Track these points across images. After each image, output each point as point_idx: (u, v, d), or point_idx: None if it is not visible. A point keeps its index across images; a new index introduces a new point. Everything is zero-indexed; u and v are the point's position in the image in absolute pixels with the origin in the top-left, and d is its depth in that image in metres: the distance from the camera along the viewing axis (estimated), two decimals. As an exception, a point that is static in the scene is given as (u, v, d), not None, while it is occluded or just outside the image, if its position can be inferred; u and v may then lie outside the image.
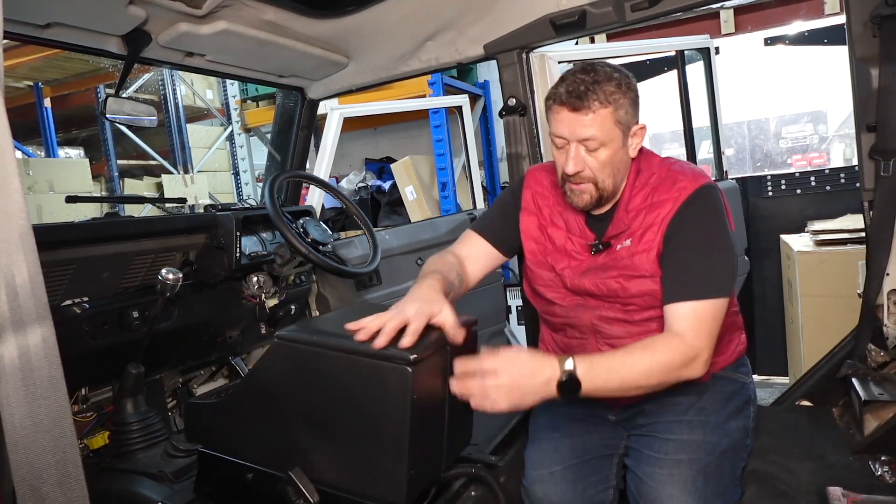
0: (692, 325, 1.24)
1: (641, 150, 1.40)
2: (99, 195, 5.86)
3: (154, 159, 6.15)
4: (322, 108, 2.66)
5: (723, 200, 1.36)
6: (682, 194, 1.32)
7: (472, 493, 1.46)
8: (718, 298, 1.26)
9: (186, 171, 6.09)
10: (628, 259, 1.36)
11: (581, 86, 1.26)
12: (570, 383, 1.13)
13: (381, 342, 1.04)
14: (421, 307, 1.12)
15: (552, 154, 1.39)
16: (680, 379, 1.22)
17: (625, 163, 1.36)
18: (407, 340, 1.05)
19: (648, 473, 1.35)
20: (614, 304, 1.40)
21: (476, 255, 1.53)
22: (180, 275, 1.58)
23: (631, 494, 1.41)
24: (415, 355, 1.02)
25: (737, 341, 1.51)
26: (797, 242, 3.18)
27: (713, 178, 1.38)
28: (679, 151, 4.58)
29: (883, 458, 1.39)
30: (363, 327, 1.09)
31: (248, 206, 2.17)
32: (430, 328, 1.12)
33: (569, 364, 1.13)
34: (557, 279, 1.47)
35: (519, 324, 3.62)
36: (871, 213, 1.58)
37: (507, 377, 1.10)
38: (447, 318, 1.14)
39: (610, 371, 1.17)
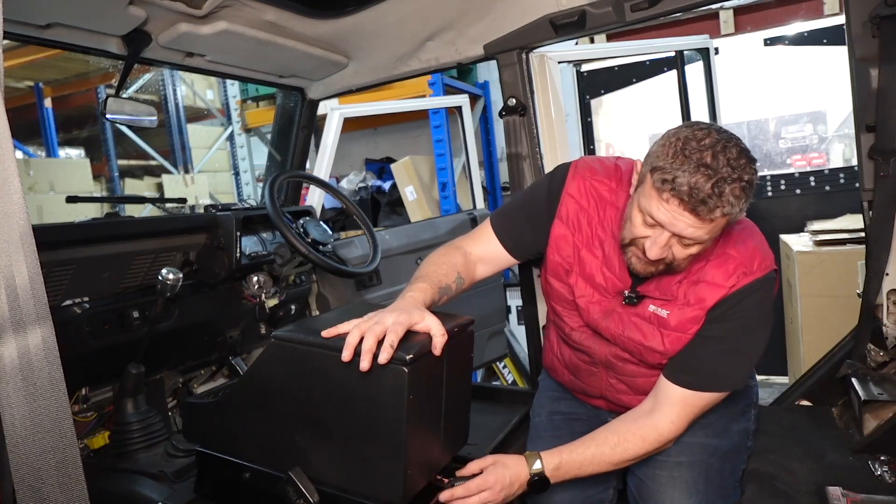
0: (678, 416, 1.24)
1: None
2: (99, 195, 5.86)
3: (154, 159, 6.15)
4: (322, 108, 2.65)
5: (776, 288, 1.24)
6: (739, 283, 1.18)
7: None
8: (720, 393, 1.25)
9: (187, 171, 6.09)
10: (658, 328, 1.26)
11: (708, 185, 1.04)
12: (538, 483, 1.24)
13: (365, 366, 1.00)
14: (399, 317, 1.06)
15: (632, 215, 1.17)
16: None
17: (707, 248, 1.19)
18: (383, 357, 0.99)
19: (649, 475, 1.35)
20: (639, 353, 1.32)
21: (487, 257, 1.42)
22: (180, 275, 1.58)
23: (631, 495, 1.40)
24: (411, 355, 1.02)
25: None
26: (797, 242, 3.18)
27: (774, 265, 1.23)
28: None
29: (882, 457, 1.39)
30: (339, 334, 1.06)
31: (248, 206, 2.17)
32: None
33: (537, 465, 1.23)
34: (573, 305, 1.37)
35: (519, 324, 3.62)
36: (870, 213, 1.58)
37: (491, 494, 1.20)
38: (430, 325, 1.09)
39: (580, 468, 1.24)
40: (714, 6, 3.94)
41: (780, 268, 3.54)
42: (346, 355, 1.02)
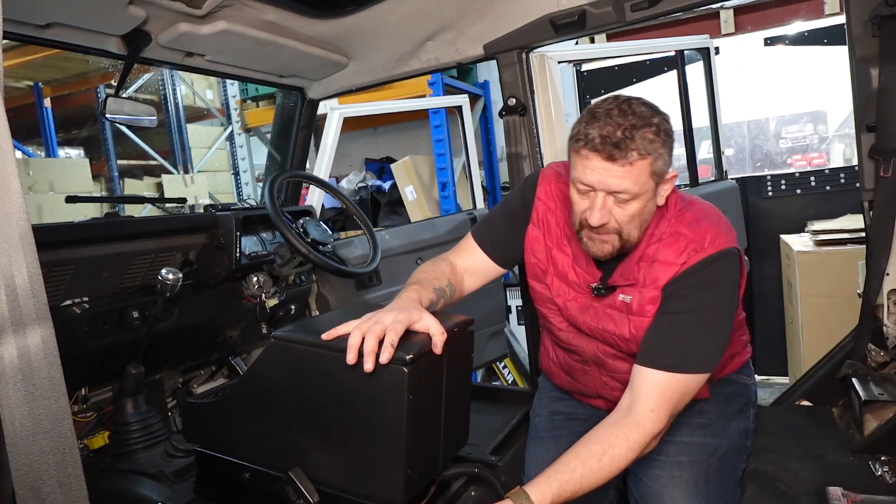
0: (656, 403, 1.15)
1: (669, 195, 1.27)
2: (99, 195, 5.85)
3: (154, 159, 6.14)
4: (322, 108, 2.65)
5: (739, 268, 1.24)
6: (689, 260, 1.20)
7: (472, 492, 1.46)
8: (694, 374, 1.17)
9: (186, 171, 6.09)
10: (626, 315, 1.28)
11: (618, 131, 1.12)
12: None
13: (369, 367, 1.00)
14: (398, 315, 1.07)
15: (571, 196, 1.24)
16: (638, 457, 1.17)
17: (652, 213, 1.24)
18: (384, 357, 1.00)
19: (649, 475, 1.35)
20: (616, 344, 1.33)
21: (473, 269, 1.45)
22: (180, 275, 1.58)
23: (632, 495, 1.40)
24: (411, 355, 1.02)
25: (743, 352, 1.50)
26: (797, 242, 3.18)
27: (732, 243, 1.23)
28: (679, 151, 4.57)
29: (883, 458, 1.40)
30: (340, 335, 1.06)
31: (248, 206, 2.17)
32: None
33: None
34: (555, 304, 1.41)
35: (519, 324, 3.62)
36: (871, 213, 1.58)
37: None
38: (428, 324, 1.09)
39: (574, 493, 1.10)
40: (714, 6, 3.94)
41: (781, 268, 3.55)
42: (351, 358, 1.02)
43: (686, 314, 1.19)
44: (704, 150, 3.93)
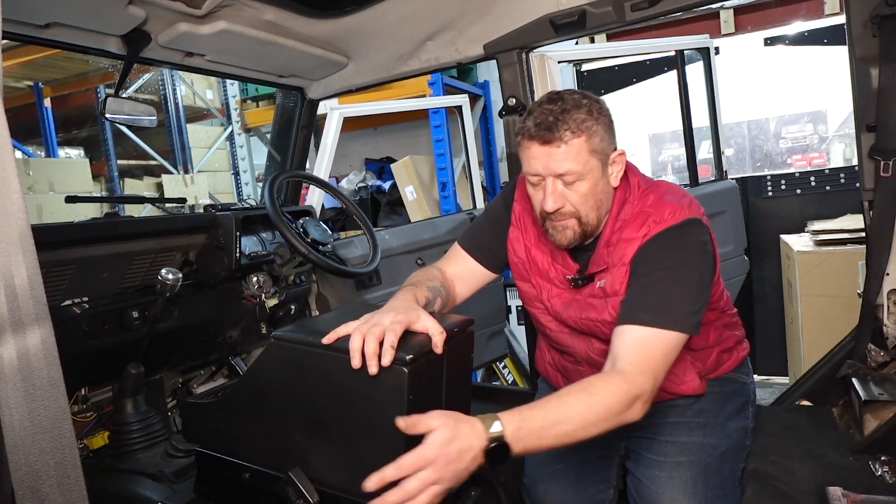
0: (637, 358, 1.11)
1: (629, 178, 1.32)
2: (99, 195, 5.86)
3: (154, 159, 6.15)
4: (322, 108, 2.65)
5: (709, 238, 1.25)
6: (650, 231, 1.23)
7: (472, 492, 1.45)
8: (671, 332, 1.14)
9: (186, 171, 6.09)
10: (604, 299, 1.29)
11: (549, 116, 1.19)
12: (497, 450, 0.98)
13: (373, 371, 1.00)
14: (396, 316, 1.07)
15: (529, 193, 1.31)
16: (620, 424, 1.08)
17: (607, 193, 1.28)
18: (386, 359, 1.00)
19: (648, 476, 1.35)
20: (604, 338, 1.32)
21: (463, 275, 1.47)
22: (180, 275, 1.58)
23: (631, 496, 1.40)
24: (411, 356, 1.02)
25: (739, 349, 1.50)
26: (797, 242, 3.18)
27: (695, 214, 1.26)
28: (679, 151, 4.59)
29: (883, 458, 1.40)
30: (339, 338, 1.05)
31: (248, 206, 2.17)
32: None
33: (495, 427, 0.99)
34: (542, 303, 1.42)
35: (519, 324, 3.61)
36: (871, 213, 1.58)
37: (433, 472, 0.92)
38: (427, 325, 1.09)
39: (543, 427, 1.02)
40: (714, 6, 3.94)
41: (781, 268, 3.55)
42: (356, 362, 1.01)
43: (655, 273, 1.20)
44: (704, 150, 3.93)
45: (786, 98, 4.29)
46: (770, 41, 4.11)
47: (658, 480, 1.33)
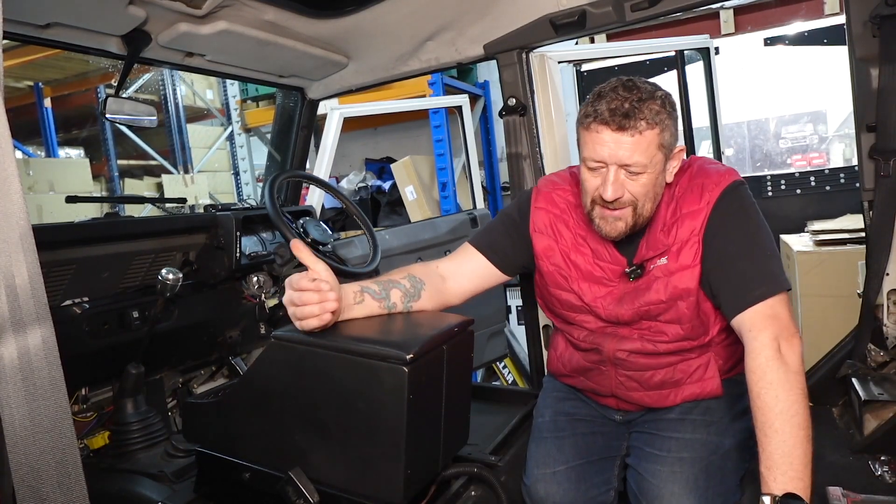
0: (771, 334, 1.12)
1: None
2: (99, 195, 5.85)
3: (154, 159, 6.15)
4: (322, 108, 2.65)
5: (749, 194, 1.29)
6: (711, 197, 1.25)
7: (473, 492, 1.46)
8: (782, 293, 1.18)
9: (186, 171, 6.09)
10: (666, 278, 1.29)
11: (626, 103, 1.17)
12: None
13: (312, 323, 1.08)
14: (296, 280, 1.12)
15: (582, 177, 1.28)
16: (802, 363, 1.11)
17: (662, 188, 1.28)
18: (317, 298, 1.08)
19: (650, 471, 1.34)
20: (644, 334, 1.35)
21: (468, 272, 1.46)
22: (180, 275, 1.58)
23: (631, 492, 1.40)
24: (411, 355, 1.02)
25: None
26: (797, 242, 3.18)
27: (738, 176, 1.30)
28: (679, 151, 4.57)
29: (883, 457, 1.40)
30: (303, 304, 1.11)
31: (248, 206, 2.17)
32: (424, 328, 1.12)
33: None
34: (586, 308, 1.40)
35: (519, 324, 3.61)
36: (870, 213, 1.58)
37: None
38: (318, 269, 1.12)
39: (802, 458, 1.04)
40: (714, 6, 3.94)
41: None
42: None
43: (736, 245, 1.22)
44: (704, 150, 3.94)
45: (786, 98, 4.29)
46: (770, 41, 4.11)
47: (659, 475, 1.32)
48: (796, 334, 1.15)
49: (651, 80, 1.26)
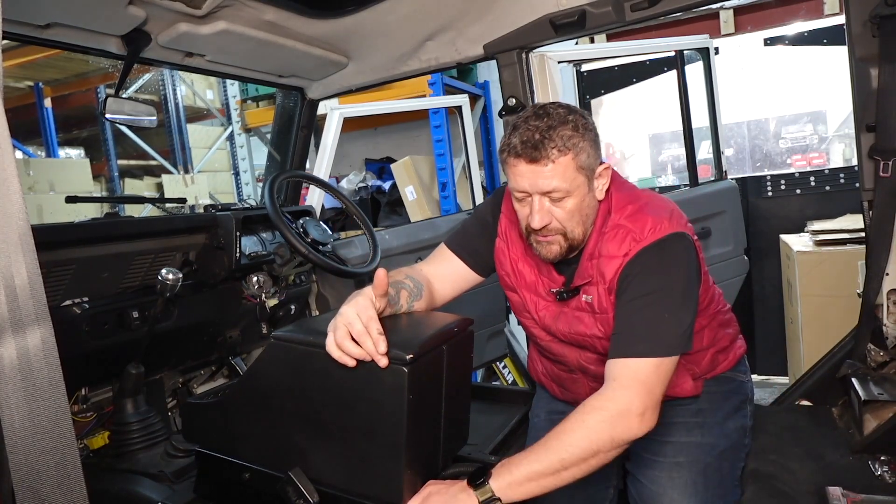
0: (627, 382, 1.12)
1: (613, 188, 1.30)
2: (99, 195, 5.86)
3: (154, 159, 6.15)
4: (322, 108, 2.65)
5: (692, 250, 1.24)
6: (631, 250, 1.22)
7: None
8: (665, 358, 1.14)
9: (186, 171, 6.09)
10: (591, 314, 1.29)
11: (535, 133, 1.17)
12: None
13: (384, 362, 1.01)
14: (361, 311, 1.06)
15: (514, 206, 1.29)
16: (622, 444, 1.09)
17: (592, 207, 1.27)
18: (383, 347, 1.01)
19: (648, 477, 1.35)
20: (592, 346, 1.33)
21: (445, 275, 1.44)
22: (180, 275, 1.58)
23: (631, 497, 1.40)
24: (411, 355, 1.02)
25: (735, 347, 1.49)
26: (797, 242, 3.18)
27: (676, 228, 1.24)
28: (679, 151, 4.59)
29: (882, 457, 1.40)
30: (348, 354, 1.04)
31: (248, 206, 2.17)
32: (424, 328, 1.12)
33: (483, 489, 1.04)
34: (531, 317, 1.42)
35: (519, 324, 3.61)
36: (870, 213, 1.58)
37: None
38: (380, 279, 1.10)
39: (541, 473, 1.06)
40: (714, 6, 3.94)
41: (781, 268, 3.55)
42: (350, 362, 1.03)
43: (640, 299, 1.19)
44: (704, 150, 3.94)
45: (786, 98, 4.30)
46: (770, 41, 4.10)
47: (658, 481, 1.33)
48: (650, 410, 1.11)
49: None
